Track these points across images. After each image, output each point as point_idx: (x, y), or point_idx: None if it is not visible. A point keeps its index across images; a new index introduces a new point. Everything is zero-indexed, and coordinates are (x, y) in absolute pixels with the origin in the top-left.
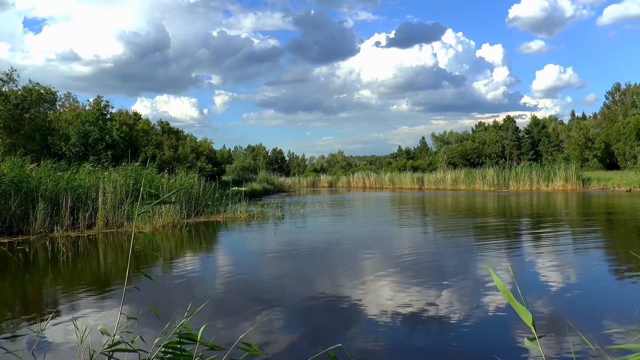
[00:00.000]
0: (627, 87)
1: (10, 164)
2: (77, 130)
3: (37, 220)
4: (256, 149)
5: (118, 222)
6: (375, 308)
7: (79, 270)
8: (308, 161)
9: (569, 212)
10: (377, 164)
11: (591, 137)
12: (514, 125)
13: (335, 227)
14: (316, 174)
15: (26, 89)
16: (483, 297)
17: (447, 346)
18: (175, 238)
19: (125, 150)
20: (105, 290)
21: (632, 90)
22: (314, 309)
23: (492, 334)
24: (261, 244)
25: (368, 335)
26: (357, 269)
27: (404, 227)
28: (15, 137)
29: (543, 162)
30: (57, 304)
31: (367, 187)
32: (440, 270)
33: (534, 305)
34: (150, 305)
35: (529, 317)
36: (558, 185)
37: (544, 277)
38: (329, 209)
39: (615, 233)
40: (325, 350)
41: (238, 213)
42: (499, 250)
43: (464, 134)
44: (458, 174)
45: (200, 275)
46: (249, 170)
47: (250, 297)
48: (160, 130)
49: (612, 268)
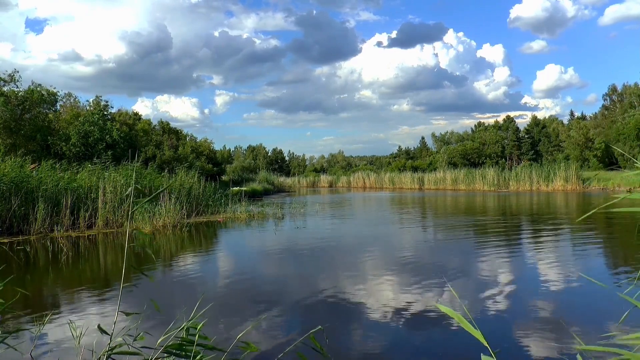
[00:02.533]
0: (624, 87)
1: (11, 164)
2: (77, 131)
3: (37, 220)
4: (256, 149)
5: (118, 222)
6: (376, 307)
7: (80, 270)
8: (308, 161)
9: (569, 212)
10: (377, 164)
11: (591, 137)
12: (514, 125)
13: (336, 227)
14: (316, 174)
15: (28, 90)
16: (483, 296)
17: (447, 346)
18: (175, 238)
19: (126, 151)
20: (105, 290)
21: (628, 90)
22: (314, 309)
23: (493, 334)
24: (262, 243)
25: (369, 334)
26: (357, 269)
27: (404, 227)
28: (15, 138)
29: (543, 162)
30: (57, 304)
31: (367, 187)
32: (441, 269)
33: (533, 304)
34: (150, 305)
35: (479, 334)
36: (558, 185)
37: (543, 276)
38: (329, 208)
39: (615, 233)
40: (307, 334)
41: (238, 213)
42: (498, 249)
43: (464, 134)
44: (458, 174)
45: (201, 276)
46: (249, 170)
47: (251, 297)
48: (160, 130)
49: (612, 267)
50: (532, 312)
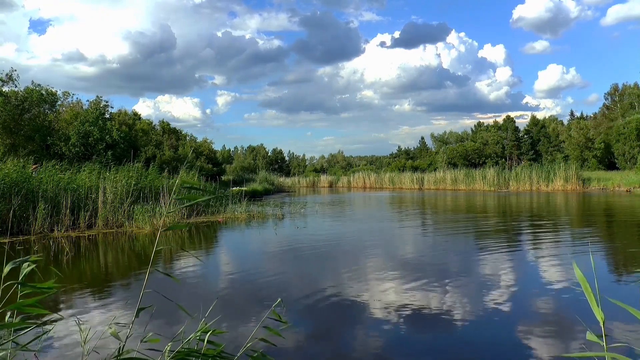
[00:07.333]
0: (624, 87)
1: (12, 165)
2: (77, 131)
3: (37, 220)
4: (256, 149)
5: (118, 222)
6: (377, 307)
7: (81, 270)
8: (308, 161)
9: (569, 212)
10: (377, 164)
11: (591, 137)
12: (513, 125)
13: (336, 227)
14: (316, 174)
15: (27, 90)
16: (485, 296)
17: (448, 346)
18: (175, 238)
19: (126, 151)
20: (107, 290)
21: (629, 90)
22: (315, 309)
23: (494, 333)
24: (262, 243)
25: (369, 334)
26: (357, 268)
27: (404, 227)
28: (15, 138)
29: (543, 162)
30: (57, 304)
31: (367, 187)
32: (441, 269)
33: (534, 304)
34: (153, 307)
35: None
36: (558, 185)
37: (544, 276)
38: (329, 208)
39: (615, 232)
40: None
41: (238, 213)
42: (498, 249)
43: (464, 134)
44: (458, 174)
45: (201, 276)
46: (249, 171)
47: (252, 297)
48: (160, 130)
49: (612, 267)
50: (533, 312)
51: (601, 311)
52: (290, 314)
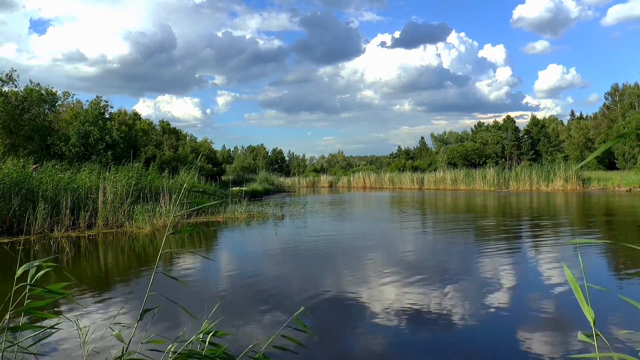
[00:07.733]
0: (625, 87)
1: (12, 165)
2: (77, 131)
3: (37, 220)
4: (256, 149)
5: (118, 222)
6: (377, 307)
7: (81, 270)
8: (308, 161)
9: (569, 212)
10: (377, 163)
11: (591, 137)
12: (513, 125)
13: (336, 227)
14: (316, 174)
15: (27, 89)
16: (485, 296)
17: (448, 346)
18: (175, 238)
19: (126, 151)
20: (107, 290)
21: (629, 90)
22: (315, 309)
23: (494, 333)
24: (262, 243)
25: (370, 334)
26: (358, 269)
27: (404, 227)
28: (14, 138)
29: (543, 162)
30: (58, 304)
31: (367, 187)
32: (441, 269)
33: (534, 304)
34: (156, 308)
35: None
36: (558, 185)
37: (544, 276)
38: (329, 208)
39: (615, 232)
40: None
41: (238, 213)
42: (498, 249)
43: (464, 134)
44: (458, 174)
45: (202, 276)
46: (249, 171)
47: (254, 297)
48: (160, 130)
49: (613, 267)
50: (533, 312)
51: (591, 310)
52: (290, 314)
